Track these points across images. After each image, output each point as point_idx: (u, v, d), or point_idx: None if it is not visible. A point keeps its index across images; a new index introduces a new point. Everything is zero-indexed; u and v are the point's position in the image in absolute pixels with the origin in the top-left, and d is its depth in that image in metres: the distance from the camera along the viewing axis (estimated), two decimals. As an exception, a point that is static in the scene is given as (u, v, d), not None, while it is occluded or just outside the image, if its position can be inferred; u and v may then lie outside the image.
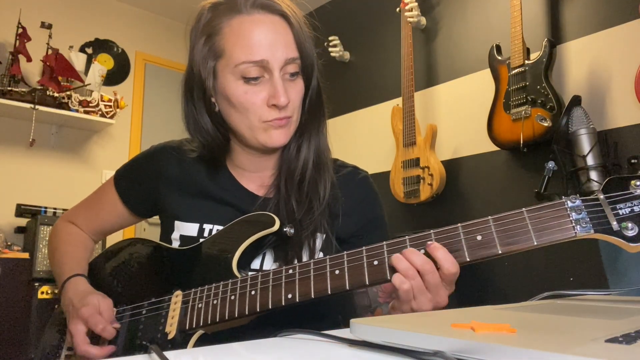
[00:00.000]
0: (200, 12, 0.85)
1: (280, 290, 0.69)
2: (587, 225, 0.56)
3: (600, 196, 0.57)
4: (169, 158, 0.95)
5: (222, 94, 0.83)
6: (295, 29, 0.83)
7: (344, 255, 0.67)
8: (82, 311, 0.83)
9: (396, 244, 0.65)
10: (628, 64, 1.96)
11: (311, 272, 0.68)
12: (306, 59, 0.85)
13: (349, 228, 0.88)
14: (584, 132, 1.88)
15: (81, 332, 0.83)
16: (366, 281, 0.64)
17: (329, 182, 0.88)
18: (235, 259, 0.78)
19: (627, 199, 0.56)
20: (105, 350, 0.83)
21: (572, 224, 0.57)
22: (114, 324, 0.85)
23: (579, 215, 0.57)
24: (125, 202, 1.00)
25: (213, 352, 0.45)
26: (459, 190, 2.49)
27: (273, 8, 0.82)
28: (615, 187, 0.57)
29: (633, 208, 0.56)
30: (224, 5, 0.82)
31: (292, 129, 0.85)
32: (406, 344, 0.36)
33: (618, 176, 0.58)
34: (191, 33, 0.85)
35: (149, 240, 0.92)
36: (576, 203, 0.58)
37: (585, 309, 0.55)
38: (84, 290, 0.89)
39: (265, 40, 0.79)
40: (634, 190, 0.56)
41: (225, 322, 0.73)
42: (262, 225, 0.79)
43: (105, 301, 0.86)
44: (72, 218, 1.06)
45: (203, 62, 0.82)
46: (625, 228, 0.55)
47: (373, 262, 0.65)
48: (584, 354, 0.27)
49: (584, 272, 1.96)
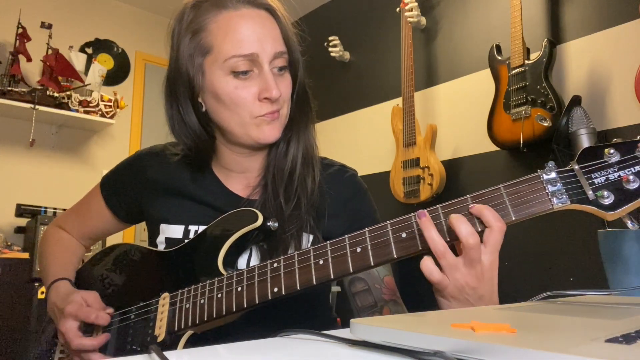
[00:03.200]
0: (182, 11, 0.84)
1: (266, 285, 0.69)
2: (563, 197, 0.57)
3: (575, 167, 0.57)
4: (153, 163, 0.95)
5: (211, 91, 0.82)
6: (281, 23, 0.83)
7: (327, 245, 0.67)
8: (68, 309, 0.83)
9: (378, 229, 0.64)
10: (628, 64, 1.96)
11: (296, 265, 0.68)
12: (293, 54, 0.85)
13: (338, 227, 0.87)
14: (584, 132, 1.88)
15: (72, 327, 0.83)
16: (350, 269, 0.64)
17: (317, 177, 0.88)
18: (220, 257, 0.78)
19: (601, 167, 0.56)
20: (99, 339, 0.83)
21: (549, 197, 0.57)
22: (107, 310, 0.85)
23: (554, 187, 0.57)
24: (111, 209, 1.00)
25: (213, 352, 0.45)
26: (459, 190, 2.49)
27: (259, 2, 0.82)
28: (590, 157, 0.57)
29: (608, 176, 0.55)
30: (208, 2, 0.82)
31: (282, 123, 0.85)
32: (406, 344, 0.36)
33: (592, 146, 0.58)
34: (173, 33, 0.84)
35: (134, 245, 0.92)
36: (551, 175, 0.58)
37: (585, 309, 0.55)
38: (65, 291, 0.89)
39: (254, 34, 0.79)
40: (607, 158, 0.56)
41: (214, 320, 0.73)
42: (245, 221, 0.79)
43: (90, 294, 0.86)
44: (62, 223, 1.06)
45: (190, 60, 0.82)
46: (601, 197, 0.55)
47: (356, 250, 0.64)
48: (584, 354, 0.27)
49: (584, 272, 1.96)
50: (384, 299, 0.88)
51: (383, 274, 0.90)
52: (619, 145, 0.56)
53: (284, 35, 0.83)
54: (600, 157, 0.56)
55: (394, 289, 0.90)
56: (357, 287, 0.90)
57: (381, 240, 0.63)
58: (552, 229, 2.08)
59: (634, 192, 0.54)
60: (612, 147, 0.56)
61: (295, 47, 0.86)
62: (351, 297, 0.91)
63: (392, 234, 0.63)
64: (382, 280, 0.89)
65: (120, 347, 0.84)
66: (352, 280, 0.89)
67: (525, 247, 2.13)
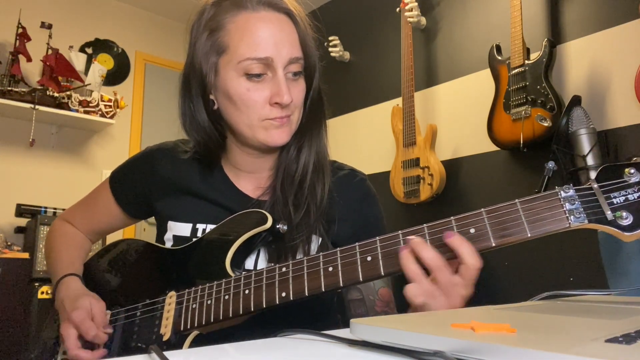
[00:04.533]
0: (203, 7, 0.84)
1: (274, 289, 0.69)
2: (581, 216, 0.55)
3: (594, 185, 0.56)
4: (163, 159, 0.95)
5: (223, 91, 0.82)
6: (300, 29, 0.83)
7: (337, 252, 0.66)
8: (73, 316, 0.82)
9: (389, 239, 0.63)
10: (628, 64, 1.96)
11: (304, 270, 0.67)
12: (309, 59, 0.85)
13: (345, 231, 0.87)
14: (584, 132, 1.88)
15: (72, 336, 0.82)
16: (360, 277, 0.64)
17: (327, 185, 0.87)
18: (228, 257, 0.78)
19: (621, 187, 0.55)
20: (96, 354, 0.83)
21: (566, 215, 0.56)
22: (106, 329, 0.84)
23: (572, 205, 0.56)
24: (120, 204, 1.00)
25: (213, 352, 0.45)
26: (459, 190, 2.49)
27: (279, 6, 0.82)
28: (609, 175, 0.56)
29: (627, 197, 0.54)
30: (228, 2, 0.81)
31: (292, 129, 0.84)
32: (406, 344, 0.36)
33: (611, 164, 0.57)
34: (192, 28, 0.84)
35: (141, 241, 0.92)
36: (569, 193, 0.57)
37: (585, 309, 0.55)
38: (75, 291, 0.89)
39: (271, 37, 0.78)
40: (627, 178, 0.55)
41: (220, 322, 0.73)
42: (254, 223, 0.78)
43: (97, 304, 0.85)
44: (69, 217, 1.06)
45: (205, 58, 0.81)
46: (619, 217, 0.54)
47: (366, 258, 0.64)
48: (584, 354, 0.27)
49: (584, 272, 1.96)
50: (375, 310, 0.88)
51: (379, 285, 0.90)
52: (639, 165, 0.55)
53: (301, 40, 0.83)
54: (620, 176, 0.55)
55: (389, 300, 0.90)
56: (352, 295, 0.90)
57: (392, 249, 0.62)
58: (552, 229, 2.07)
59: None
60: (632, 166, 0.55)
61: (313, 53, 0.85)
62: (347, 303, 0.91)
63: (403, 244, 0.62)
64: (377, 292, 0.89)
65: (125, 343, 0.84)
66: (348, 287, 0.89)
67: (525, 247, 2.12)
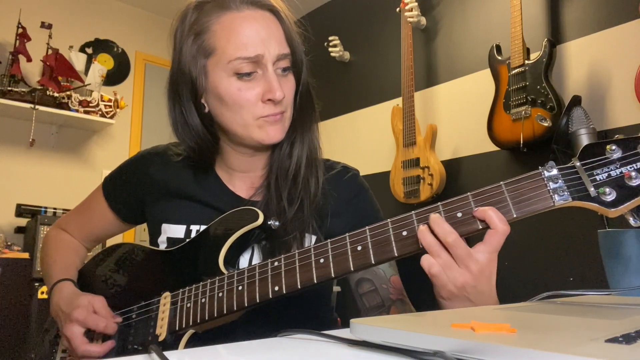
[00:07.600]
0: (185, 12, 0.84)
1: (267, 284, 0.69)
2: (565, 194, 0.56)
3: (577, 163, 0.57)
4: (155, 163, 0.95)
5: (214, 93, 0.81)
6: (285, 25, 0.83)
7: (327, 243, 0.66)
8: (75, 314, 0.82)
9: (378, 227, 0.64)
10: (628, 64, 1.96)
11: (296, 263, 0.68)
12: (296, 55, 0.85)
13: (341, 226, 0.86)
14: (584, 132, 1.88)
15: (78, 334, 0.82)
16: (351, 267, 0.64)
17: (321, 178, 0.87)
18: (221, 256, 0.78)
19: (603, 164, 0.55)
20: (106, 346, 0.83)
21: (550, 194, 0.57)
22: (115, 319, 0.85)
23: (556, 184, 0.57)
24: (113, 209, 1.00)
25: (214, 352, 0.45)
26: (459, 190, 2.48)
27: (262, 3, 0.82)
28: (591, 153, 0.57)
29: (610, 173, 0.55)
30: (211, 4, 0.81)
31: (286, 125, 0.84)
32: (406, 344, 0.36)
33: (593, 142, 0.57)
34: (175, 33, 0.84)
35: (135, 244, 0.92)
36: (553, 172, 0.57)
37: (585, 309, 0.55)
38: (69, 293, 0.89)
39: (258, 35, 0.79)
40: (609, 154, 0.55)
41: (215, 319, 0.73)
42: (246, 220, 0.79)
43: (96, 299, 0.85)
44: (64, 225, 1.06)
45: (193, 61, 0.81)
46: (603, 193, 0.54)
47: (357, 248, 0.64)
48: (584, 354, 0.27)
49: (584, 272, 1.96)
50: (391, 299, 0.88)
51: (390, 273, 0.90)
52: (621, 142, 0.56)
53: (287, 36, 0.83)
54: (602, 153, 0.56)
55: (401, 288, 0.90)
56: (365, 288, 0.90)
57: (382, 238, 0.63)
58: (551, 228, 2.07)
59: (636, 188, 0.53)
60: (613, 143, 0.56)
61: (299, 48, 0.85)
62: (358, 298, 0.91)
63: (392, 232, 0.63)
64: (389, 280, 0.89)
65: (122, 346, 0.84)
66: (359, 281, 0.89)
67: (525, 247, 2.13)
